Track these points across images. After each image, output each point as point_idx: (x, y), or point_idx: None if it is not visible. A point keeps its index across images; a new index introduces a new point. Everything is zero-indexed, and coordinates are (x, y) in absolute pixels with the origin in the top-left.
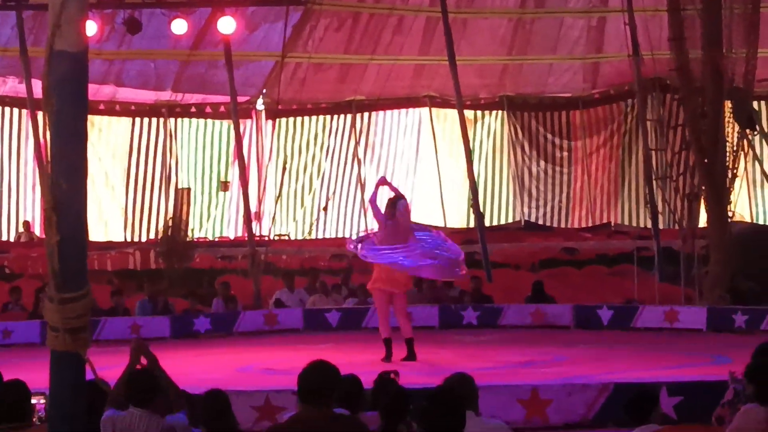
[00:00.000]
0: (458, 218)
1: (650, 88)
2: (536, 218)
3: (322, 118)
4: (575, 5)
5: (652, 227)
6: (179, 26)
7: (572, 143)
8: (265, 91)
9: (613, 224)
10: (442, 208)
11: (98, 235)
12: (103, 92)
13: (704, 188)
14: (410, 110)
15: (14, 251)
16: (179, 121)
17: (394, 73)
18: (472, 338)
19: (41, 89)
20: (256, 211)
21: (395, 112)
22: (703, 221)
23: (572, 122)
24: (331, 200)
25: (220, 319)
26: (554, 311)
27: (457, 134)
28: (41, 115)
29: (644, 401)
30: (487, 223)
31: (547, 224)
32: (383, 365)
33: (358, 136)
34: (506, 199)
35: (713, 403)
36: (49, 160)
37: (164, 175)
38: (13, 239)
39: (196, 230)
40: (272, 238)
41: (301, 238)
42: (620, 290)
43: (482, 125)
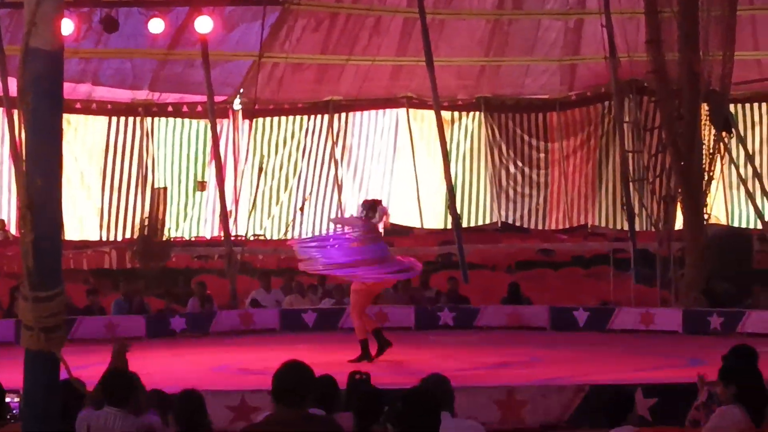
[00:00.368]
0: (435, 219)
1: (627, 90)
2: (513, 220)
3: (299, 118)
4: (552, 7)
5: (628, 229)
6: (156, 25)
7: (549, 145)
8: (242, 90)
9: (589, 226)
10: (419, 208)
11: (74, 234)
12: (79, 91)
13: (680, 190)
14: (387, 111)
15: None
16: (156, 120)
17: (371, 73)
18: (448, 339)
19: (17, 87)
20: (229, 209)
21: (372, 112)
22: (679, 223)
23: (549, 124)
24: (307, 200)
25: (196, 318)
26: (530, 312)
27: (434, 135)
28: (17, 113)
29: (620, 403)
30: (464, 224)
31: (523, 226)
32: (359, 366)
33: (335, 136)
34: (483, 200)
35: (688, 405)
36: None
37: (141, 174)
38: None
39: (172, 230)
40: (248, 238)
41: (277, 238)
42: (596, 292)
43: (459, 126)
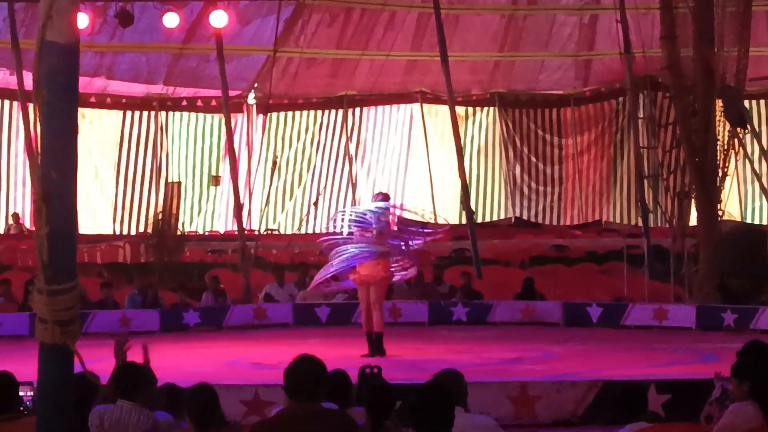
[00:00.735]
0: (449, 214)
1: (641, 86)
2: (527, 215)
3: (313, 113)
4: (567, 2)
5: (642, 225)
6: (171, 19)
7: (563, 141)
8: (256, 85)
9: (603, 222)
10: (432, 204)
11: (88, 228)
12: (94, 85)
13: (695, 186)
14: (402, 106)
15: (4, 243)
16: (170, 114)
17: (385, 68)
18: (461, 334)
19: (32, 81)
20: (241, 203)
21: (387, 107)
22: (693, 219)
23: (564, 119)
24: (321, 195)
25: (209, 312)
26: (544, 308)
27: (448, 130)
28: (32, 106)
29: (633, 399)
30: (478, 219)
31: (537, 221)
32: (372, 360)
33: (349, 131)
34: (497, 195)
35: (701, 401)
36: (39, 151)
37: (155, 168)
38: (2, 231)
39: (186, 224)
40: (262, 232)
41: (291, 232)
42: (610, 288)
43: (474, 122)
